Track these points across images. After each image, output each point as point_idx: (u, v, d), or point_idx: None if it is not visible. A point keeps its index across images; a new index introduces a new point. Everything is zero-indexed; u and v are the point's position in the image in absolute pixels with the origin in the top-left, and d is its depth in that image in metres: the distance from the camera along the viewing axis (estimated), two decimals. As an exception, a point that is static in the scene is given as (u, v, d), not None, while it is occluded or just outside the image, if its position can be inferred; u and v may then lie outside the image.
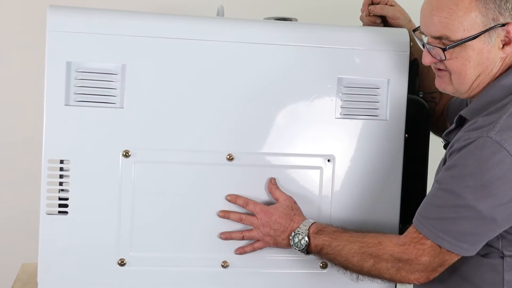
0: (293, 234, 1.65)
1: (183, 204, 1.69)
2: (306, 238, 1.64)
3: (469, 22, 1.51)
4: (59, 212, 1.64)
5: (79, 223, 1.65)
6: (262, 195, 1.71)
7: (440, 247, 1.52)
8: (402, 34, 1.75)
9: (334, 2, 2.55)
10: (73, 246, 1.65)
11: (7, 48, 2.45)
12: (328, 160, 1.74)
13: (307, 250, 1.65)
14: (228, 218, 1.69)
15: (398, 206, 1.77)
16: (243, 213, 1.70)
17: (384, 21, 1.87)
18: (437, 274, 1.55)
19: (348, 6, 2.10)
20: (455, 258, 1.54)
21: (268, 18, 1.83)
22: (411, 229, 1.57)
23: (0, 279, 2.27)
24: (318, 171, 1.74)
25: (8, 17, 2.45)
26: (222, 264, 1.72)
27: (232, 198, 1.70)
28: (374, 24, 1.87)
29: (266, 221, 1.67)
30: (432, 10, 1.55)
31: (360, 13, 1.90)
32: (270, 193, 1.71)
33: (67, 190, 1.64)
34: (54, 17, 1.62)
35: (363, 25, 1.90)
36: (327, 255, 1.63)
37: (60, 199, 1.65)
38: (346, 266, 1.62)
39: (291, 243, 1.66)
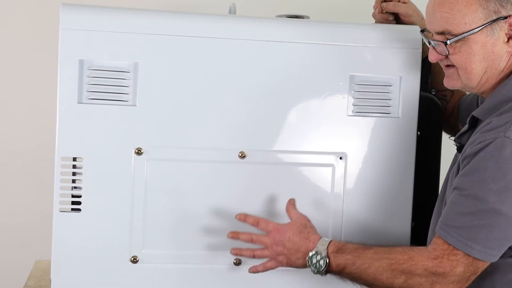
0: (310, 254, 1.58)
1: (196, 201, 1.69)
2: (326, 259, 1.57)
3: (470, 15, 1.52)
4: (72, 209, 1.65)
5: (92, 220, 1.66)
6: (274, 192, 1.72)
7: (471, 256, 1.49)
8: (414, 32, 1.75)
9: (347, -1, 2.55)
10: (86, 243, 1.66)
11: (20, 47, 2.46)
12: (340, 158, 1.74)
13: (327, 270, 1.58)
14: (237, 239, 1.65)
15: (410, 204, 1.77)
16: (254, 234, 1.64)
17: (397, 19, 1.87)
18: (470, 282, 1.52)
19: (361, 4, 2.10)
20: (487, 265, 1.51)
21: (280, 16, 1.83)
22: (438, 241, 1.52)
23: (14, 276, 2.28)
24: (330, 168, 1.74)
25: (21, 16, 2.46)
26: (235, 261, 1.72)
27: (242, 217, 1.65)
28: (386, 21, 1.86)
29: (279, 240, 1.61)
30: (434, 6, 1.57)
31: (373, 11, 1.90)
32: (286, 212, 1.66)
33: (80, 188, 1.65)
34: (67, 15, 1.62)
35: (376, 22, 1.90)
36: (351, 274, 1.57)
37: (73, 196, 1.65)
38: (373, 284, 1.57)
39: (309, 263, 1.58)
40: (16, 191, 2.50)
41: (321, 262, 1.57)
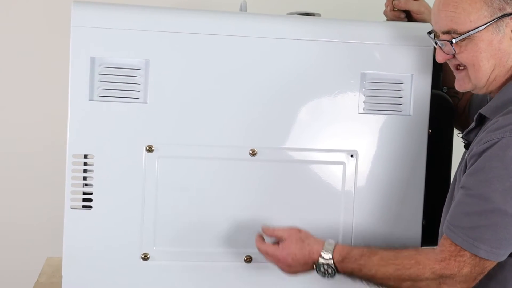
0: (316, 265, 1.60)
1: (206, 199, 1.69)
2: (333, 267, 1.58)
3: (475, 13, 1.52)
4: (83, 206, 1.66)
5: (103, 218, 1.66)
6: (284, 190, 1.71)
7: (478, 256, 1.49)
8: (426, 29, 1.74)
9: (358, -4, 2.55)
10: (97, 240, 1.66)
11: (31, 44, 2.47)
12: (351, 156, 1.74)
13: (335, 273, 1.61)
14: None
15: (421, 202, 1.76)
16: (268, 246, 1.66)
17: (408, 16, 1.86)
18: (477, 281, 1.53)
19: (372, 1, 2.10)
20: (493, 264, 1.51)
21: (292, 13, 1.83)
22: (445, 242, 1.53)
23: (25, 273, 2.29)
24: (341, 166, 1.74)
25: (33, 13, 2.46)
26: (245, 259, 1.72)
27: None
28: (398, 19, 1.86)
29: (284, 263, 1.62)
30: (439, 6, 1.57)
31: (384, 8, 1.89)
32: (273, 236, 1.65)
33: (91, 185, 1.65)
34: (78, 13, 1.63)
35: (387, 20, 1.89)
36: (359, 278, 1.60)
37: (84, 193, 1.66)
38: (381, 285, 1.59)
39: (317, 271, 1.60)
40: (26, 189, 2.51)
41: (329, 270, 1.59)
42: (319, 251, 1.60)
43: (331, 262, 1.59)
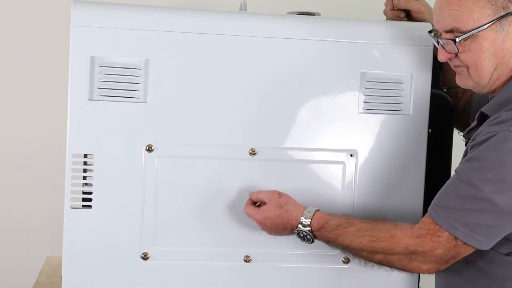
0: (296, 231, 1.63)
1: (206, 198, 1.69)
2: (311, 234, 1.62)
3: (478, 12, 1.53)
4: (83, 206, 1.66)
5: (103, 217, 1.66)
6: (284, 190, 1.70)
7: (455, 239, 1.51)
8: (426, 29, 1.74)
9: (358, -4, 2.55)
10: (96, 240, 1.66)
11: (31, 44, 2.47)
12: (351, 155, 1.74)
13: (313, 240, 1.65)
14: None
15: (421, 201, 1.76)
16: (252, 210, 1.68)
17: (408, 16, 1.86)
18: (448, 265, 1.55)
19: (372, 1, 2.10)
20: (469, 251, 1.53)
21: (291, 13, 1.83)
22: (426, 220, 1.56)
23: (25, 272, 2.30)
24: (341, 166, 1.74)
25: (33, 13, 2.47)
26: (245, 258, 1.72)
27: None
28: (398, 18, 1.86)
29: (264, 227, 1.66)
30: (441, 5, 1.57)
31: (384, 7, 1.89)
32: (255, 199, 1.68)
33: (90, 184, 1.65)
34: (78, 12, 1.63)
35: (387, 19, 1.89)
36: (334, 246, 1.63)
37: (84, 193, 1.66)
38: (355, 256, 1.63)
39: (296, 236, 1.64)
40: (26, 188, 2.51)
41: (307, 236, 1.63)
42: (298, 218, 1.63)
43: (309, 229, 1.62)
